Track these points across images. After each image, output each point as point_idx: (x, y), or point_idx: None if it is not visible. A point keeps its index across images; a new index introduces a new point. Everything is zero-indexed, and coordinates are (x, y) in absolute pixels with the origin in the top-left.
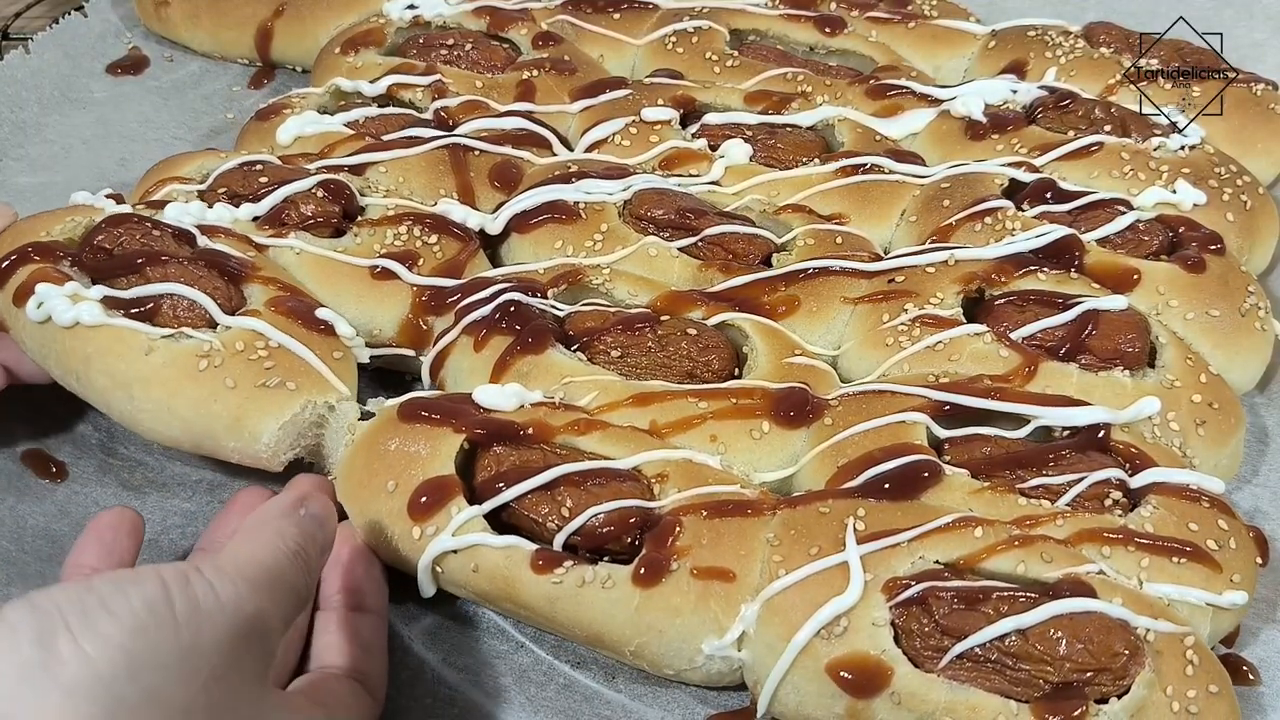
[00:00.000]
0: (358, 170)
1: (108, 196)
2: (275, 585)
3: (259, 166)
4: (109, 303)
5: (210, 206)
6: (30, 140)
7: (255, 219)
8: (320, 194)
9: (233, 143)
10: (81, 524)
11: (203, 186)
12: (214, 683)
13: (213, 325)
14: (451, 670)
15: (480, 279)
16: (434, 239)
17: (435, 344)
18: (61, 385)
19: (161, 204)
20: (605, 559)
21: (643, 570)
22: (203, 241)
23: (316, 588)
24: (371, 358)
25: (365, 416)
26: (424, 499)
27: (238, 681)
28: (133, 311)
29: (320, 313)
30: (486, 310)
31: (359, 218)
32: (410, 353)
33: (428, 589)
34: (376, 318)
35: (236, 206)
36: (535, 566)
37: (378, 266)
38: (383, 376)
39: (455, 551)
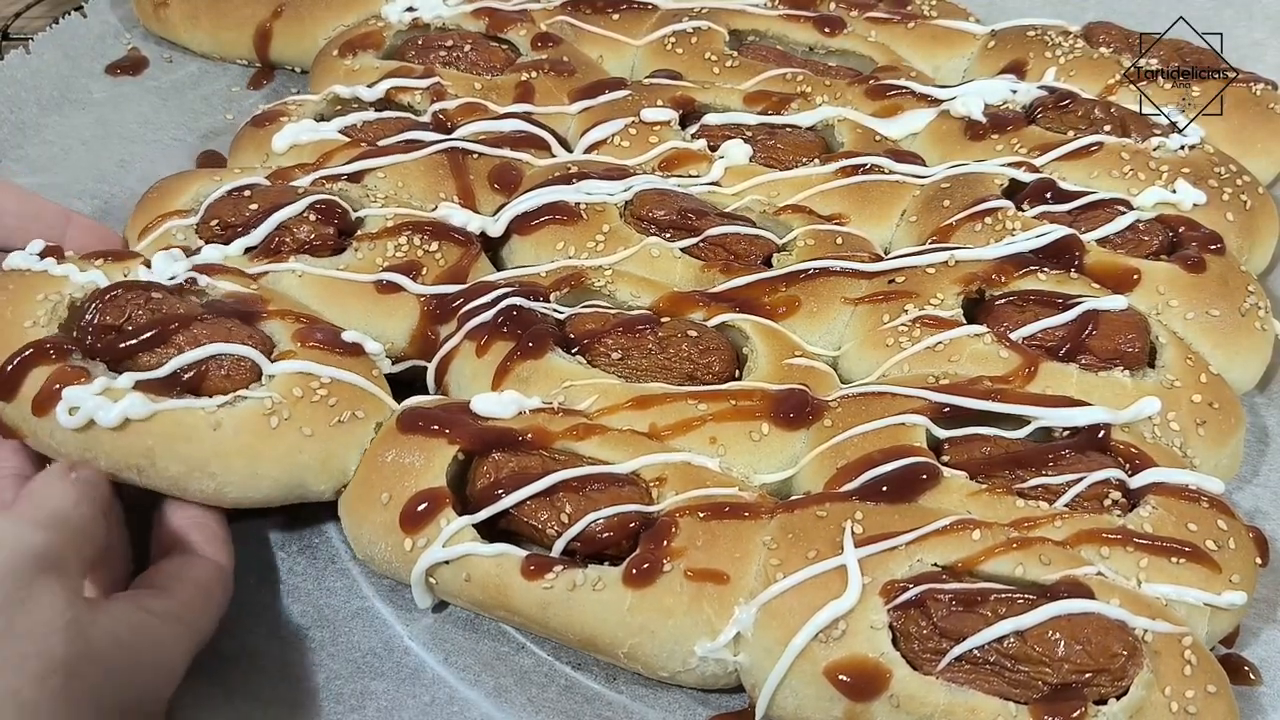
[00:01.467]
0: (356, 177)
1: (42, 255)
2: (60, 525)
3: (247, 192)
4: (145, 387)
5: (205, 241)
6: (29, 141)
7: (248, 250)
8: (313, 216)
9: (230, 144)
10: None
11: (198, 219)
12: (12, 607)
13: (256, 376)
14: (452, 671)
15: (483, 284)
16: (435, 246)
17: (439, 350)
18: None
19: (147, 258)
20: (606, 563)
21: (634, 571)
22: (204, 281)
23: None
24: (388, 373)
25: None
26: (415, 511)
27: (36, 607)
28: (177, 389)
29: (348, 336)
30: (488, 316)
31: (358, 232)
32: (424, 363)
33: (422, 600)
34: (387, 331)
35: (228, 241)
36: (526, 573)
37: (382, 280)
38: (394, 385)
39: (447, 562)
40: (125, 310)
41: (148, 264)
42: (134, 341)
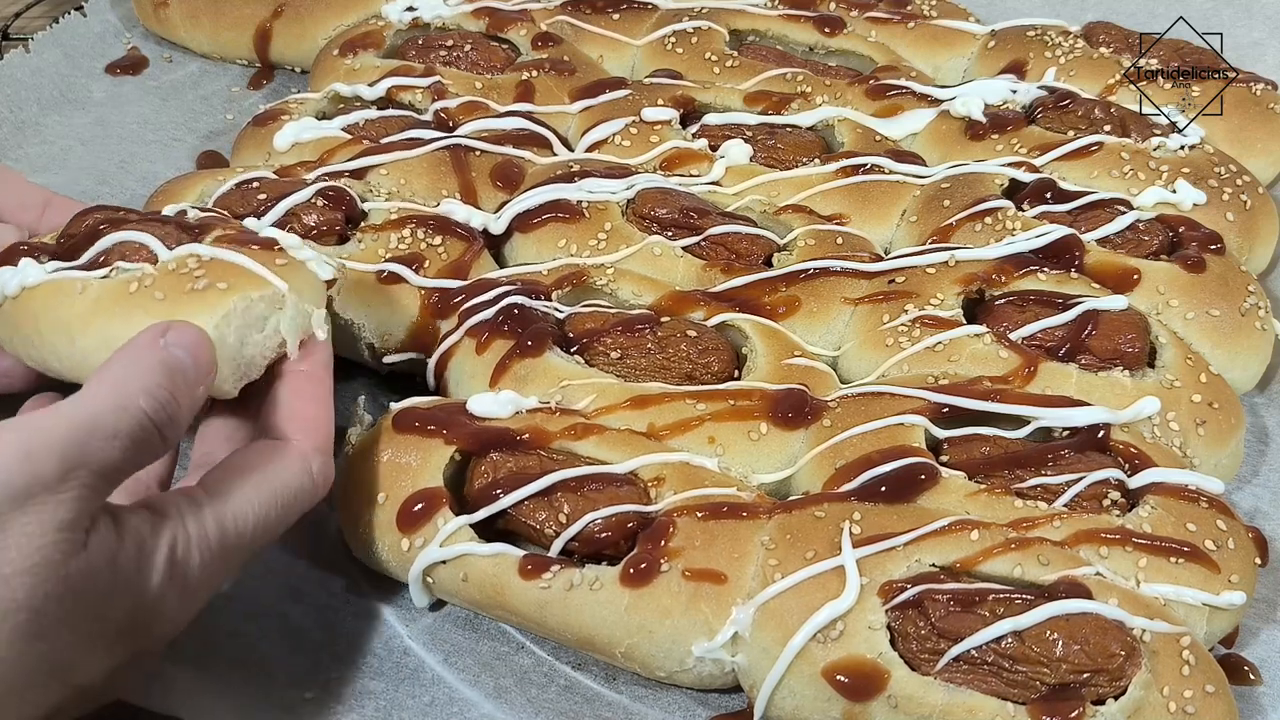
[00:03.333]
0: (359, 174)
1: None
2: (75, 443)
3: (255, 184)
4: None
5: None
6: (29, 141)
7: None
8: (321, 203)
9: (231, 144)
10: None
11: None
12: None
13: (154, 261)
14: (452, 671)
15: (484, 280)
16: (438, 240)
17: (439, 346)
18: (39, 370)
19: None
20: (604, 563)
21: (631, 571)
22: (193, 213)
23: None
24: (387, 363)
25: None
26: (412, 511)
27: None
28: (78, 265)
29: (265, 231)
30: (489, 313)
31: (362, 223)
32: (423, 356)
33: (420, 600)
34: (388, 322)
35: None
36: (523, 572)
37: (384, 271)
38: (394, 378)
39: (444, 562)
40: (88, 220)
41: None
42: (77, 240)
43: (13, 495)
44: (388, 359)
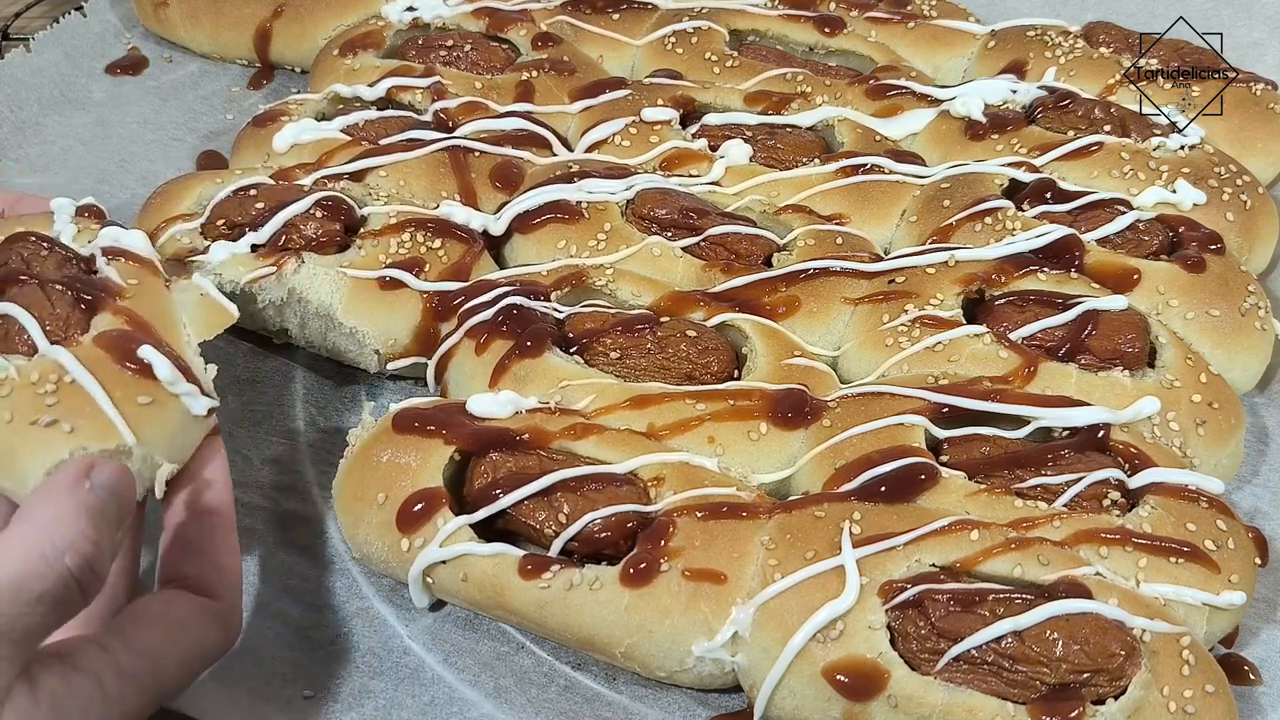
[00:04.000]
0: (358, 176)
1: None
2: (25, 599)
3: (253, 191)
4: None
5: (211, 241)
6: (29, 140)
7: (255, 248)
8: (319, 213)
9: (231, 144)
10: None
11: (203, 219)
12: None
13: (33, 352)
14: (452, 671)
15: (484, 282)
16: (438, 243)
17: (439, 347)
18: None
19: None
20: (603, 563)
21: (631, 570)
22: (101, 263)
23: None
24: (390, 370)
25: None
26: (411, 511)
27: None
28: None
29: (142, 351)
30: (488, 314)
31: (361, 229)
32: (425, 359)
33: (420, 600)
34: (391, 327)
35: (235, 239)
36: (523, 572)
37: (385, 276)
38: (395, 378)
39: (444, 562)
40: (7, 259)
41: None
42: None
43: None
44: (391, 365)
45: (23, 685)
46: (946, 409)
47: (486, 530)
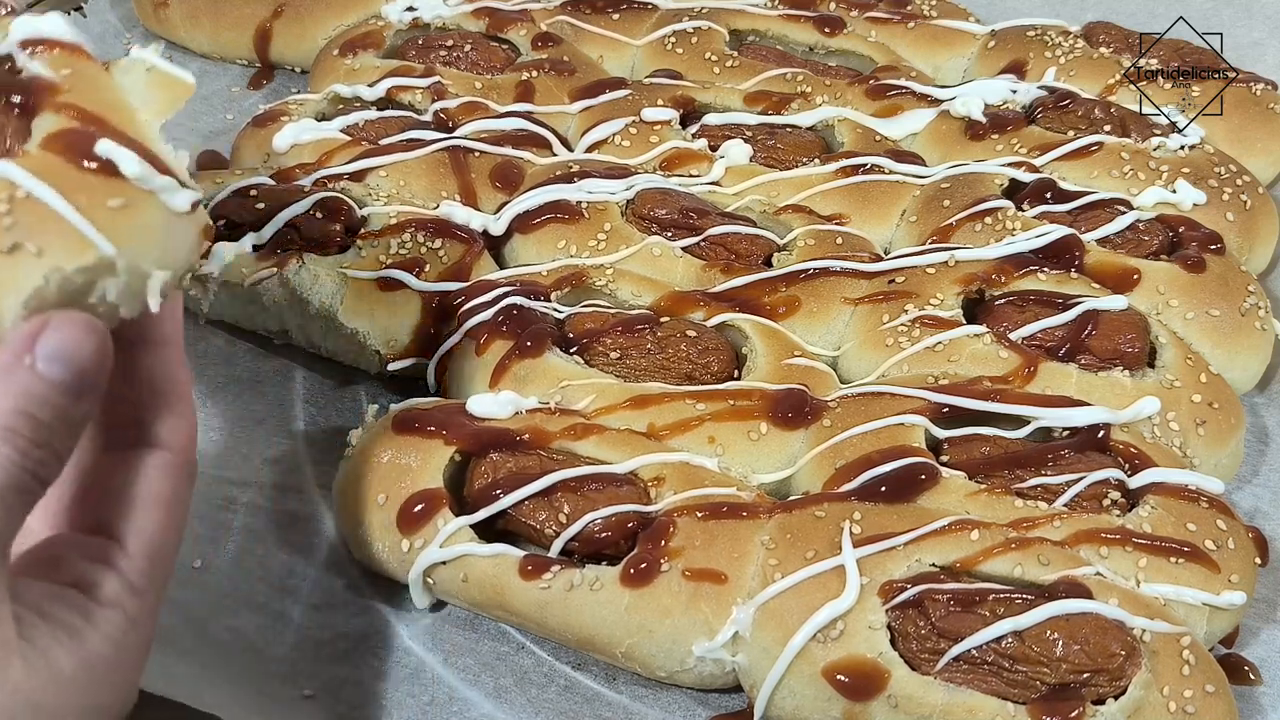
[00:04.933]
0: (358, 176)
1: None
2: None
3: (253, 192)
4: None
5: (211, 242)
6: None
7: (256, 248)
8: (319, 214)
9: (231, 144)
10: None
11: None
12: None
13: None
14: (452, 671)
15: (484, 282)
16: (438, 243)
17: (439, 347)
18: None
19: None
20: (604, 563)
21: (632, 571)
22: (23, 61)
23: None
24: (390, 370)
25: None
26: (412, 512)
27: None
28: None
29: (100, 147)
30: (488, 314)
31: (362, 230)
32: (426, 360)
33: (420, 601)
34: (391, 328)
35: (235, 238)
36: (523, 573)
37: (386, 277)
38: (396, 379)
39: (444, 563)
40: None
41: None
42: None
43: None
44: (392, 366)
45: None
46: (946, 409)
47: (487, 531)
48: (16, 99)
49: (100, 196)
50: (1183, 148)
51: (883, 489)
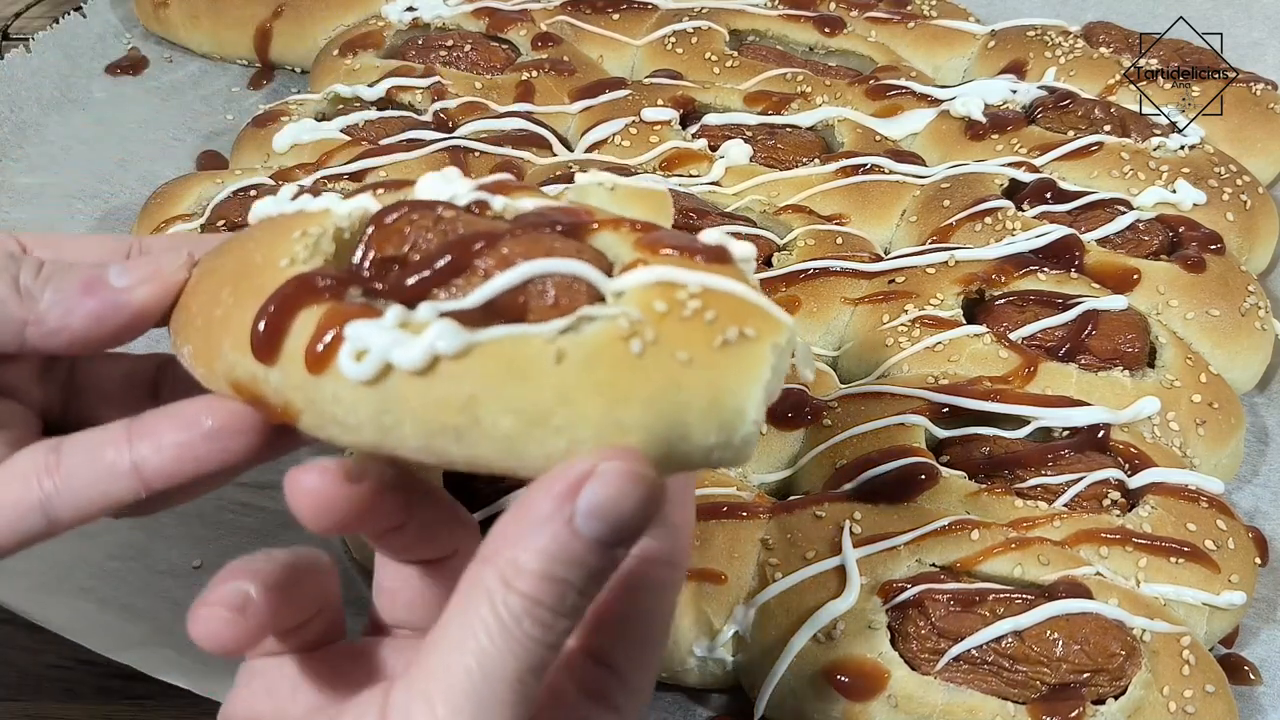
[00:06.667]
0: (358, 176)
1: (295, 196)
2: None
3: (253, 192)
4: (454, 318)
5: None
6: (30, 140)
7: None
8: None
9: (232, 144)
10: None
11: (203, 220)
12: None
13: (595, 299)
14: None
15: None
16: None
17: None
18: (424, 460)
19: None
20: None
21: None
22: (499, 203)
23: None
24: None
25: None
26: None
27: None
28: (496, 319)
29: (708, 236)
30: None
31: None
32: None
33: None
34: None
35: None
36: None
37: None
38: None
39: None
40: (410, 235)
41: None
42: (428, 272)
43: None
44: None
45: None
46: (946, 409)
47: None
48: (562, 223)
49: (743, 276)
50: (1183, 148)
51: (883, 489)
